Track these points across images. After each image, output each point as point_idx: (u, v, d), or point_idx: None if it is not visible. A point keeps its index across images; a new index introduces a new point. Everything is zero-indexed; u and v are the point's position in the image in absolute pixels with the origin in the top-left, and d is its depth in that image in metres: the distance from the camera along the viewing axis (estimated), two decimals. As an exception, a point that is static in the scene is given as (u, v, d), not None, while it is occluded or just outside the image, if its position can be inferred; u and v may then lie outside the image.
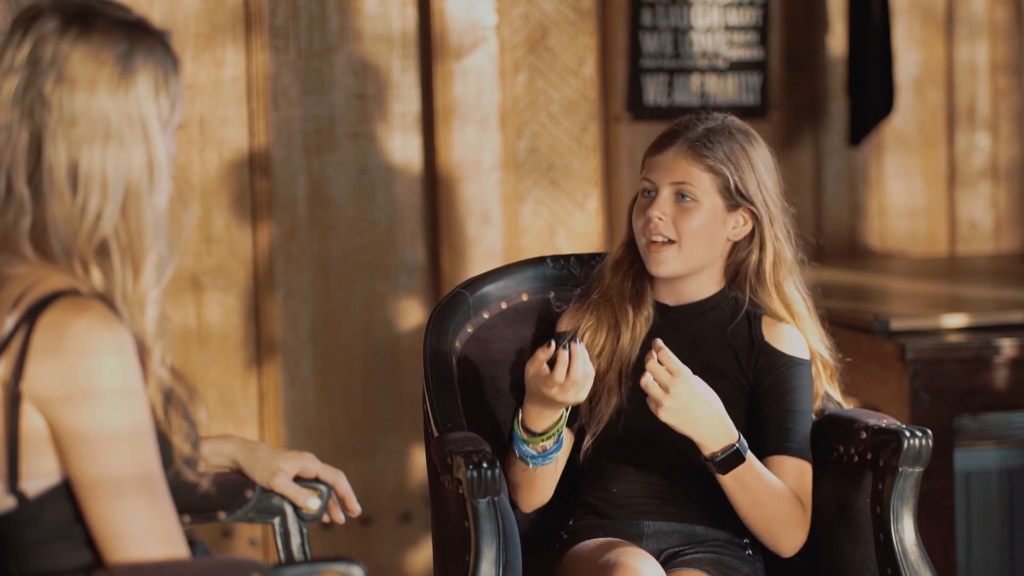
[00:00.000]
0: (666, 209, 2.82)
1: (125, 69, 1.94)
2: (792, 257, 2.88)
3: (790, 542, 2.78)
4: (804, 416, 2.81)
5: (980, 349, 3.76)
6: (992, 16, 5.24)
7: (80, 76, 1.93)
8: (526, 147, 4.72)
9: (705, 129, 2.85)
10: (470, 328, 3.01)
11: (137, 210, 1.96)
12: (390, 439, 4.59)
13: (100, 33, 1.94)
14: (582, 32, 4.76)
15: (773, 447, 2.79)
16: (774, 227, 2.85)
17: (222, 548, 4.49)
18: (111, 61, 1.93)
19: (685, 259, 2.83)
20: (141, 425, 1.90)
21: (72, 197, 1.93)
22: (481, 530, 2.65)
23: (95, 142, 1.93)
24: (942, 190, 5.24)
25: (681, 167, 2.83)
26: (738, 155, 2.83)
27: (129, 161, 1.95)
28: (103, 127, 1.93)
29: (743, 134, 2.87)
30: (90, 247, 1.94)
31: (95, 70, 1.93)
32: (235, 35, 4.50)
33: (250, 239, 4.54)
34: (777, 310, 2.86)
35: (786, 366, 2.82)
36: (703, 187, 2.82)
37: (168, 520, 1.91)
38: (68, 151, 1.93)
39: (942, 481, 3.71)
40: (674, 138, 2.85)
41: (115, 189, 1.94)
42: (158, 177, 1.97)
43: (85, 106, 1.93)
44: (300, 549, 2.62)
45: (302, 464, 2.59)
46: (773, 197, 2.86)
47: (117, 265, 1.95)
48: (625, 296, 2.90)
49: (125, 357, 1.90)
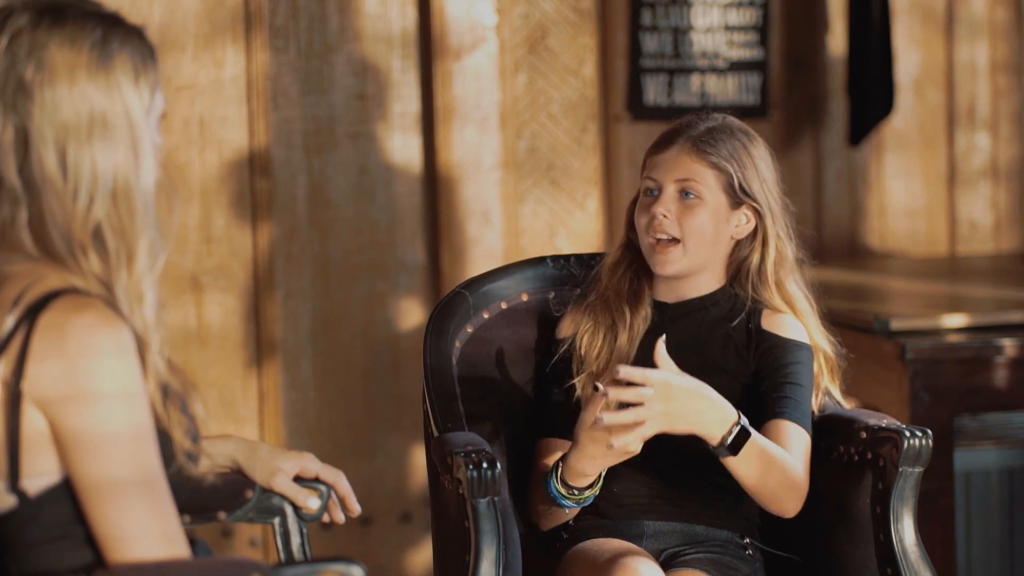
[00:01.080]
0: (671, 207, 2.83)
1: (102, 54, 1.95)
2: (793, 255, 2.88)
3: (791, 504, 2.74)
4: (803, 390, 2.80)
5: (980, 349, 3.76)
6: (992, 16, 5.24)
7: (59, 63, 1.94)
8: (526, 147, 4.72)
9: (707, 128, 2.86)
10: (470, 328, 3.01)
11: (127, 194, 1.96)
12: (390, 439, 4.59)
13: (73, 22, 1.96)
14: (582, 32, 4.76)
15: (770, 412, 2.77)
16: (776, 225, 2.86)
17: (222, 548, 4.49)
18: (87, 47, 1.95)
19: (690, 257, 2.84)
20: (142, 426, 1.90)
21: (63, 184, 1.93)
22: (481, 530, 2.65)
23: (80, 128, 1.94)
24: (942, 190, 5.23)
25: (685, 164, 2.83)
26: (740, 153, 2.84)
27: (115, 145, 1.95)
28: (87, 112, 1.94)
29: (743, 133, 2.88)
30: (86, 233, 1.94)
31: (73, 57, 1.94)
32: (235, 35, 4.50)
33: (250, 239, 4.54)
34: (779, 307, 2.87)
35: (784, 346, 2.82)
36: (707, 184, 2.82)
37: (169, 521, 1.91)
38: (55, 139, 1.94)
39: (942, 481, 3.71)
40: (676, 136, 2.86)
41: (104, 173, 1.95)
42: (144, 161, 1.98)
43: (67, 92, 1.94)
44: (300, 549, 2.62)
45: (302, 464, 2.59)
46: (774, 195, 2.87)
47: (112, 250, 1.95)
48: (622, 296, 2.90)
49: (126, 356, 1.90)
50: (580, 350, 2.89)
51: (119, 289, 1.95)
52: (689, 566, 2.73)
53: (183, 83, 4.48)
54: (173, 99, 4.46)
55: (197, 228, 4.49)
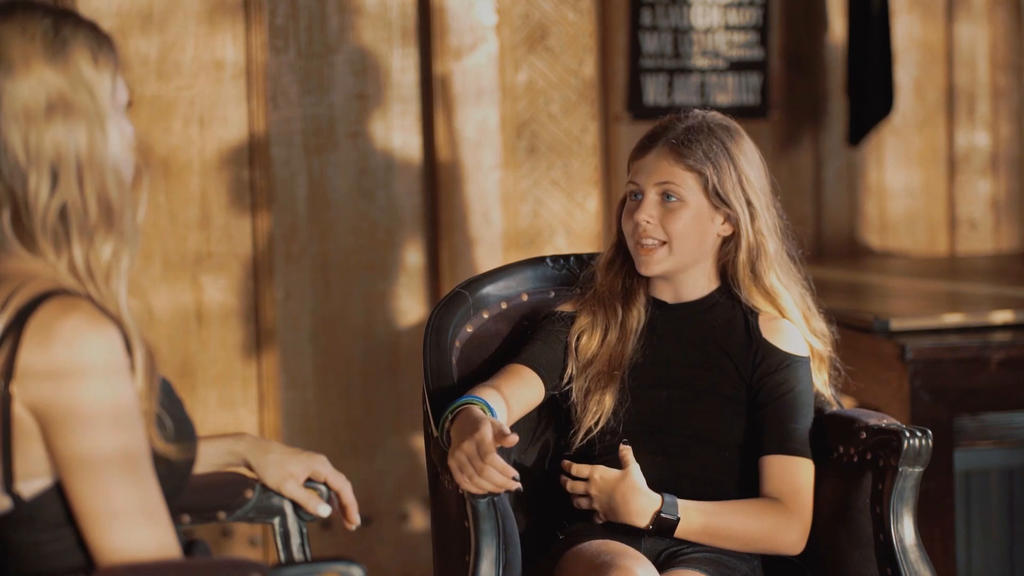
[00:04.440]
0: (653, 212, 2.83)
1: (55, 39, 1.97)
2: (776, 250, 2.87)
3: (786, 546, 2.79)
4: (803, 413, 2.82)
5: (980, 349, 3.76)
6: (992, 16, 5.24)
7: (13, 54, 1.96)
8: (526, 147, 4.72)
9: (684, 128, 2.85)
10: (470, 328, 3.01)
11: (94, 173, 1.97)
12: (390, 439, 4.59)
13: (22, 12, 1.99)
14: (582, 32, 4.76)
15: (770, 446, 2.80)
16: (756, 222, 2.85)
17: (222, 548, 4.49)
18: (39, 34, 1.97)
19: (675, 257, 2.84)
20: (126, 406, 1.90)
21: (29, 173, 1.94)
22: (481, 530, 2.65)
23: (39, 112, 1.95)
24: (942, 190, 5.24)
25: (664, 168, 2.83)
26: (717, 153, 2.82)
27: (78, 125, 1.96)
28: (44, 96, 1.95)
29: (723, 129, 2.86)
30: (52, 215, 1.95)
31: (26, 45, 1.96)
32: (235, 35, 4.50)
33: (250, 239, 4.54)
34: (760, 304, 2.87)
35: (785, 364, 2.82)
36: (688, 186, 2.83)
37: (152, 500, 1.91)
38: (19, 129, 1.95)
39: (942, 481, 3.70)
40: (655, 140, 2.86)
41: (67, 155, 1.96)
42: (112, 140, 1.98)
43: (24, 80, 1.95)
44: (300, 549, 2.62)
45: (313, 468, 2.59)
46: (756, 192, 2.85)
47: (79, 230, 1.96)
48: (616, 295, 2.91)
49: (113, 357, 1.90)
50: (575, 346, 2.89)
51: (95, 275, 1.96)
52: (688, 565, 2.73)
53: (183, 83, 4.48)
54: (173, 99, 4.46)
55: (197, 228, 4.49)
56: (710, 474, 2.81)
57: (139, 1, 4.43)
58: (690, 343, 2.87)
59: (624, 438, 2.83)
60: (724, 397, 2.83)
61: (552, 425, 2.98)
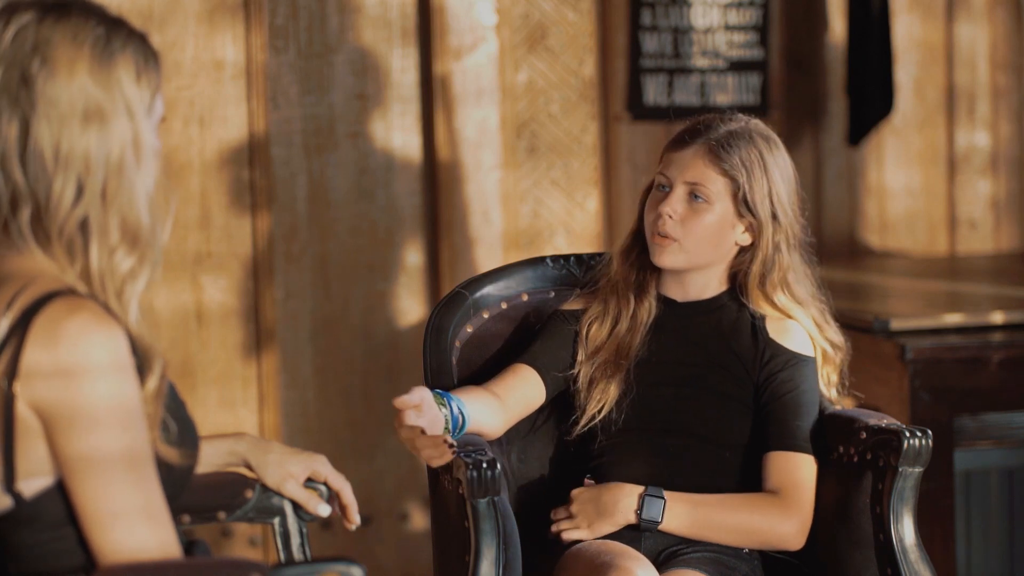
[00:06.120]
0: (677, 207, 2.82)
1: (104, 51, 1.97)
2: (789, 264, 2.87)
3: (783, 538, 2.78)
4: (807, 411, 2.82)
5: (980, 349, 3.76)
6: (992, 16, 5.24)
7: (61, 58, 1.96)
8: (526, 147, 4.72)
9: (727, 131, 2.83)
10: (470, 328, 3.01)
11: (122, 190, 1.97)
12: (390, 439, 4.59)
13: (77, 18, 1.99)
14: (582, 32, 4.76)
15: (772, 442, 2.80)
16: (776, 236, 2.84)
17: (222, 548, 4.49)
18: (89, 43, 1.97)
19: (688, 256, 2.84)
20: (129, 406, 1.90)
21: (55, 178, 1.94)
22: (481, 530, 2.65)
23: (75, 121, 1.95)
24: (942, 190, 5.24)
25: (697, 167, 2.82)
26: (754, 162, 2.81)
27: (112, 140, 1.96)
28: (82, 107, 1.96)
29: (764, 139, 2.85)
30: (74, 226, 1.95)
31: (74, 51, 1.96)
32: (235, 35, 4.50)
33: (250, 239, 4.54)
34: (767, 312, 2.88)
35: (791, 362, 2.83)
36: (716, 190, 2.82)
37: (154, 500, 1.91)
38: (51, 132, 1.95)
39: (942, 481, 3.70)
40: (695, 136, 2.84)
41: (96, 168, 1.96)
42: (144, 157, 1.98)
43: (66, 86, 1.96)
44: (300, 549, 2.62)
45: (313, 468, 2.59)
46: (784, 206, 2.84)
47: (100, 244, 1.96)
48: (629, 286, 2.91)
49: (118, 357, 1.90)
50: (586, 333, 2.90)
51: (108, 283, 1.96)
52: (688, 565, 2.73)
53: (183, 83, 4.48)
54: (173, 99, 4.46)
55: (197, 228, 4.49)
56: (709, 474, 2.81)
57: (139, 1, 4.43)
58: (696, 342, 2.87)
59: (616, 442, 2.82)
60: (728, 397, 2.83)
61: (553, 415, 2.98)
